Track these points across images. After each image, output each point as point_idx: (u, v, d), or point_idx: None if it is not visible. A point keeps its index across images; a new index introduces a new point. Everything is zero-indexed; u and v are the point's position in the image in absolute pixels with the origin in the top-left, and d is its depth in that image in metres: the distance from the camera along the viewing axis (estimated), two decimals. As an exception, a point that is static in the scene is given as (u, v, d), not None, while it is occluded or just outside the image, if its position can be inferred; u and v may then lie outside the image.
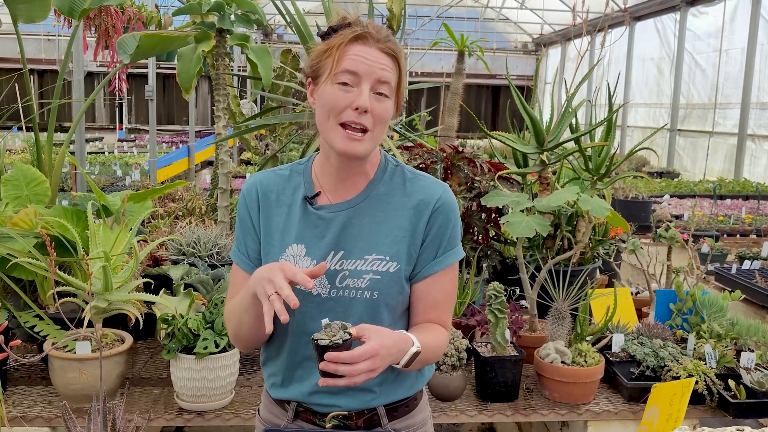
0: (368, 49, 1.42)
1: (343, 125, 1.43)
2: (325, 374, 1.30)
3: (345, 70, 1.41)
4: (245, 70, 12.22)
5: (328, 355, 1.28)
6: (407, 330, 1.52)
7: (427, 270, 1.53)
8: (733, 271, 4.32)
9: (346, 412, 1.53)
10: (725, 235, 5.89)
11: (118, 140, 14.48)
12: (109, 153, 11.16)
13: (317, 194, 1.54)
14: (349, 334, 1.31)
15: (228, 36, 3.26)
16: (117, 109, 17.98)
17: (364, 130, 1.43)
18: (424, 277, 1.53)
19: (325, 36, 1.47)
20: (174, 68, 3.51)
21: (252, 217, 1.56)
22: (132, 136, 16.06)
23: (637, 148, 3.04)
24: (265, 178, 1.58)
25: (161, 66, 13.03)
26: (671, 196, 7.69)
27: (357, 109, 1.40)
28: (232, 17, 3.14)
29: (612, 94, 3.10)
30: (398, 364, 1.41)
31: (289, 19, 3.00)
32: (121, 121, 17.30)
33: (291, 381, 1.56)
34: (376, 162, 1.57)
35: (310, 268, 1.39)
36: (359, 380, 1.30)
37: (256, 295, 1.37)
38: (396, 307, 1.53)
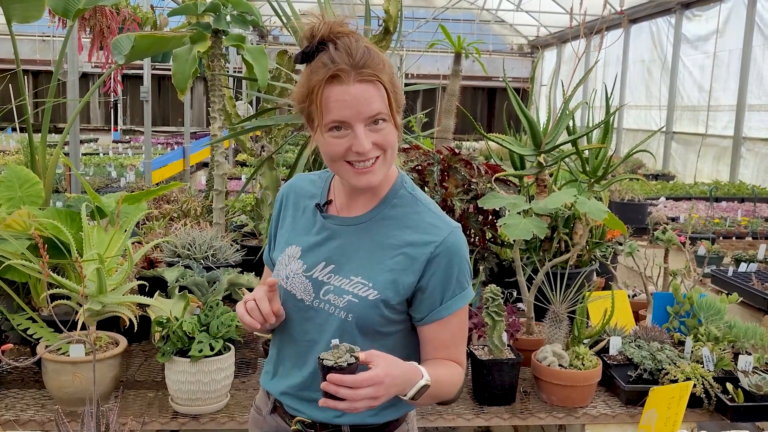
0: (347, 88, 1.33)
1: (350, 163, 1.39)
2: (327, 395, 1.28)
3: (332, 122, 1.36)
4: (241, 72, 12.21)
5: (330, 377, 1.25)
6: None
7: (433, 315, 1.47)
8: (730, 273, 4.32)
9: (310, 421, 1.51)
10: (721, 238, 5.89)
11: (113, 141, 14.45)
12: (104, 154, 11.13)
13: (327, 203, 1.54)
14: (356, 358, 1.28)
15: (224, 37, 3.25)
16: (112, 111, 17.94)
17: (373, 164, 1.39)
18: (430, 322, 1.48)
19: (300, 60, 1.40)
20: (169, 69, 3.48)
21: (279, 218, 1.62)
22: (127, 137, 16.03)
23: (635, 150, 3.03)
24: (298, 180, 1.63)
25: (156, 67, 12.99)
26: (667, 199, 7.69)
27: (358, 152, 1.36)
28: (228, 18, 3.12)
29: (609, 96, 3.09)
30: (405, 395, 1.36)
31: (285, 20, 2.98)
32: (116, 123, 17.26)
33: (274, 376, 1.59)
34: (390, 180, 1.52)
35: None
36: (360, 406, 1.27)
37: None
38: (374, 333, 1.48)
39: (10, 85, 3.32)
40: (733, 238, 5.96)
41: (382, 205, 1.50)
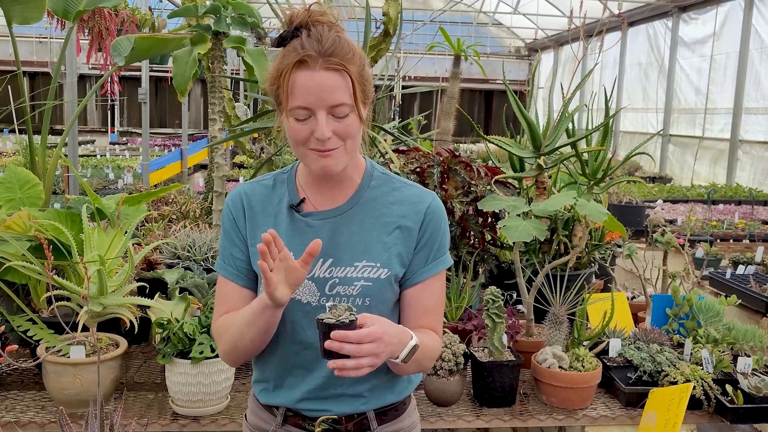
0: (312, 74, 1.36)
1: (312, 148, 1.42)
2: (330, 355, 1.29)
3: (297, 107, 1.39)
4: (238, 73, 12.20)
5: (334, 333, 1.27)
6: None
7: (417, 277, 1.53)
8: (728, 276, 4.33)
9: (335, 416, 1.53)
10: (718, 240, 5.91)
11: (110, 143, 14.43)
12: (101, 156, 11.11)
13: (302, 201, 1.54)
14: (355, 316, 1.31)
15: (224, 39, 3.24)
16: (109, 112, 17.89)
17: (334, 150, 1.42)
18: (414, 284, 1.53)
19: (278, 44, 1.43)
20: (166, 71, 3.49)
21: (239, 226, 1.55)
22: (124, 139, 16.01)
23: (634, 153, 3.04)
24: (249, 188, 1.58)
25: (154, 69, 12.97)
26: (664, 201, 7.71)
27: (318, 138, 1.39)
28: (228, 20, 3.12)
29: (608, 99, 3.10)
30: (397, 358, 1.40)
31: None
32: (113, 124, 17.23)
33: (281, 388, 1.57)
34: (361, 168, 1.56)
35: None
36: (365, 363, 1.28)
37: (265, 307, 1.38)
38: (388, 313, 1.54)
39: (9, 86, 3.31)
40: (731, 241, 5.97)
41: (362, 189, 1.54)
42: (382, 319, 1.36)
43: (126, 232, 2.53)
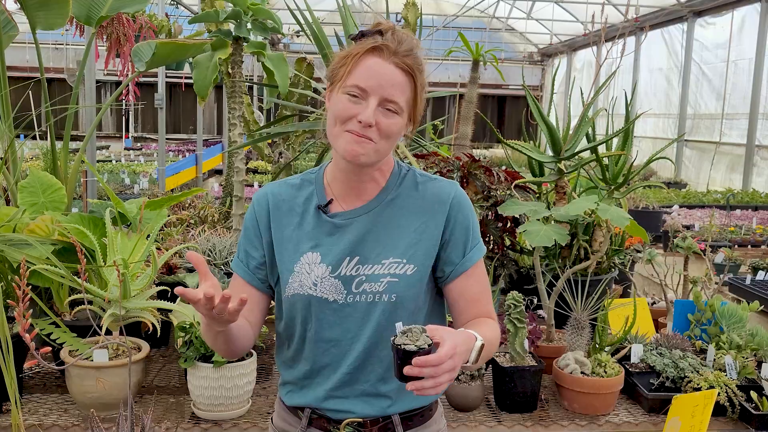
0: (382, 62, 1.40)
1: (349, 131, 1.43)
2: (406, 378, 1.27)
3: (354, 84, 1.41)
4: (253, 79, 12.25)
5: (416, 360, 1.24)
6: None
7: (459, 268, 1.53)
8: (748, 281, 4.30)
9: (360, 419, 1.53)
10: (736, 246, 5.86)
11: (125, 149, 14.52)
12: (116, 161, 11.18)
13: (330, 202, 1.55)
14: (431, 339, 1.29)
15: (245, 44, 3.26)
16: (123, 118, 18.02)
17: (369, 141, 1.43)
18: (457, 276, 1.53)
19: (355, 39, 1.47)
20: (181, 77, 3.50)
21: (260, 226, 1.56)
22: (138, 144, 16.10)
23: (654, 158, 3.02)
24: (277, 188, 1.59)
25: (168, 75, 13.03)
26: (680, 207, 7.67)
27: (361, 122, 1.40)
28: (249, 25, 3.13)
29: (628, 103, 3.09)
30: (467, 362, 1.38)
31: (306, 28, 3.00)
32: (127, 130, 17.34)
33: (308, 387, 1.57)
34: (388, 169, 1.57)
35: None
36: (443, 380, 1.26)
37: (210, 324, 1.42)
38: (414, 309, 1.53)
39: (30, 92, 3.34)
40: (749, 246, 5.93)
41: (389, 187, 1.55)
42: (450, 331, 1.33)
43: (148, 236, 2.54)
